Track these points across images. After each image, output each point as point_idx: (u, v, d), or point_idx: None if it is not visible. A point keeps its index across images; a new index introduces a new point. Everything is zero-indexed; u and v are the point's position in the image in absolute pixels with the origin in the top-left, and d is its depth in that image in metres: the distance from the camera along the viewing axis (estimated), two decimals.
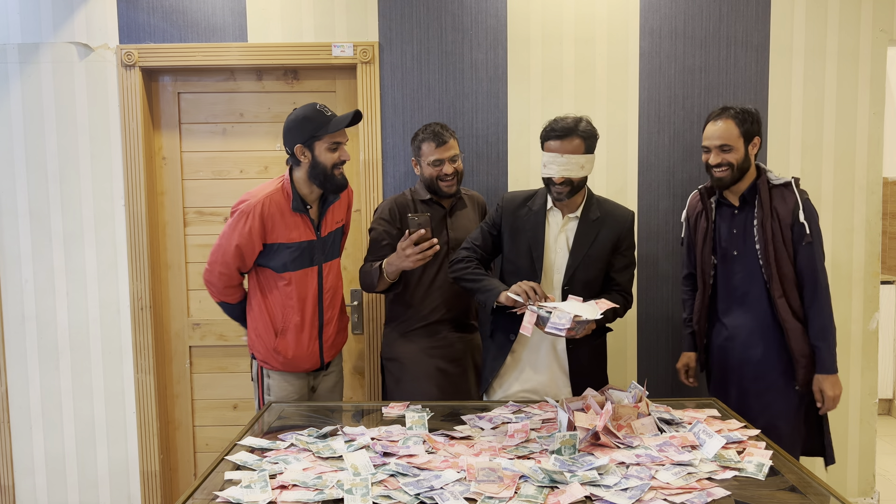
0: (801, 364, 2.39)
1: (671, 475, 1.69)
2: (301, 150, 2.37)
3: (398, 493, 1.61)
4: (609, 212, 2.39)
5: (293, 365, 2.50)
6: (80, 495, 3.16)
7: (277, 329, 2.46)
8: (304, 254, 2.44)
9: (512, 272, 2.39)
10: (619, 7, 2.98)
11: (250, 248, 2.38)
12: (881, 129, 3.02)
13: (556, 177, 2.26)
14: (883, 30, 2.98)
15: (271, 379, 2.52)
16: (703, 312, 2.58)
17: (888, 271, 4.74)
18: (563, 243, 2.36)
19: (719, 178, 2.41)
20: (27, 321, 3.09)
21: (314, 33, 3.00)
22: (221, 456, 1.89)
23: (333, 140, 2.36)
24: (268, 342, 2.47)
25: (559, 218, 2.37)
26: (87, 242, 3.06)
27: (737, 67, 2.99)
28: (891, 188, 4.80)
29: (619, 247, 2.40)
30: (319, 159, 2.36)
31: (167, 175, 3.14)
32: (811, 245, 2.37)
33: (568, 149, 2.24)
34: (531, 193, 2.45)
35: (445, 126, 2.61)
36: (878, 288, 3.07)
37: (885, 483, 3.55)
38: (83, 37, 3.00)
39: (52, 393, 3.12)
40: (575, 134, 2.25)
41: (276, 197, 2.40)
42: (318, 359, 2.54)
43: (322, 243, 2.49)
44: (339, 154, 2.38)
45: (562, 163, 2.24)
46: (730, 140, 2.38)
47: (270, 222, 2.38)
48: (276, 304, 2.46)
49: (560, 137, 2.25)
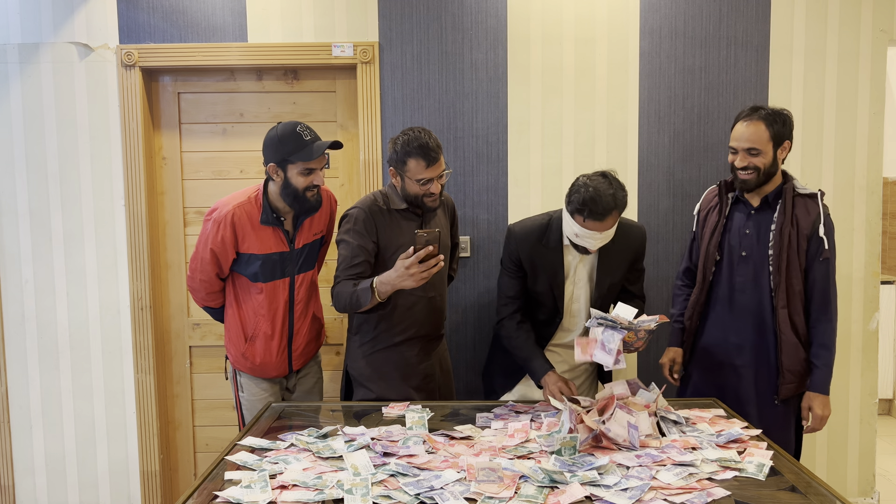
0: (787, 379, 2.34)
1: (672, 475, 1.69)
2: (274, 169, 2.35)
3: (398, 493, 1.61)
4: (623, 233, 2.32)
5: (261, 371, 2.52)
6: (80, 495, 3.16)
7: (247, 335, 2.48)
8: (276, 266, 2.44)
9: (534, 302, 2.39)
10: (619, 7, 2.98)
11: (224, 255, 2.40)
12: (881, 129, 3.02)
13: (592, 250, 2.22)
14: (883, 30, 2.98)
15: (243, 379, 2.55)
16: (698, 309, 2.49)
17: (888, 271, 4.74)
18: (583, 274, 2.34)
19: (744, 181, 2.32)
20: (27, 321, 3.09)
21: (314, 33, 3.00)
22: (221, 456, 1.89)
23: (306, 166, 2.32)
24: (238, 346, 2.51)
25: (576, 252, 2.31)
26: (87, 242, 3.06)
27: (737, 67, 2.99)
28: (891, 188, 4.80)
29: (635, 264, 2.40)
30: (291, 181, 2.34)
31: (167, 175, 3.14)
32: (827, 262, 2.31)
33: (608, 226, 2.16)
34: (543, 226, 2.33)
35: (432, 136, 2.33)
36: (878, 288, 3.07)
37: (885, 483, 3.55)
38: (83, 37, 3.00)
39: (52, 393, 3.12)
40: (614, 210, 2.14)
41: (247, 208, 2.40)
42: (287, 366, 2.55)
43: (296, 255, 2.48)
44: (312, 179, 2.35)
45: (600, 238, 2.18)
46: (758, 143, 2.28)
47: (241, 232, 2.38)
48: (248, 312, 2.47)
49: (601, 219, 2.12)
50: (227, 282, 2.51)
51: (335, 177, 3.14)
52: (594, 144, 3.02)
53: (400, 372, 2.44)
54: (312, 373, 2.69)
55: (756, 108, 2.33)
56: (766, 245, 2.34)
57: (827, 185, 3.03)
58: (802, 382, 2.37)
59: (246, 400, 2.56)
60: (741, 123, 2.33)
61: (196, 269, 2.46)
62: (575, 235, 2.19)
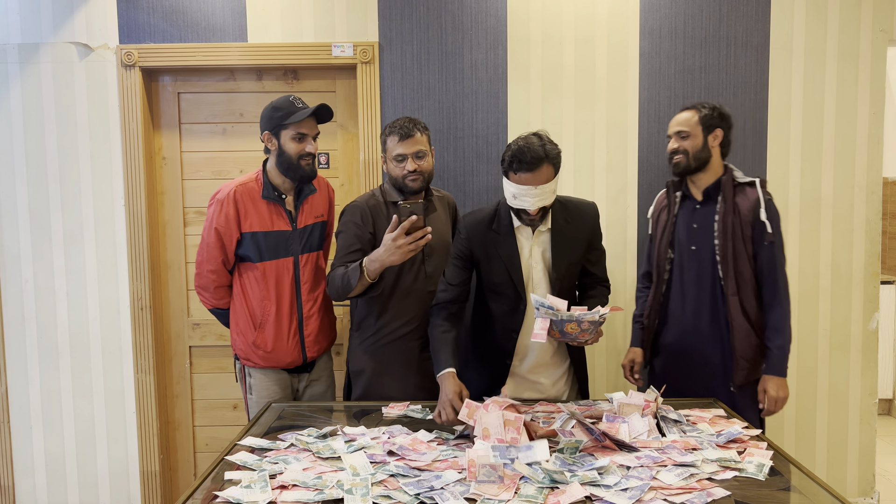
0: (741, 366, 2.36)
1: (673, 476, 1.69)
2: (268, 137, 2.45)
3: (398, 493, 1.61)
4: (575, 212, 2.32)
5: (274, 359, 2.51)
6: (80, 495, 3.16)
7: (256, 322, 2.49)
8: (279, 243, 2.48)
9: (494, 294, 2.34)
10: (619, 7, 2.98)
11: (229, 235, 2.44)
12: (881, 129, 3.02)
13: (531, 209, 2.17)
14: (883, 30, 2.98)
15: (253, 378, 2.54)
16: (655, 308, 2.53)
17: (888, 271, 4.74)
18: (539, 257, 2.30)
19: (675, 164, 2.46)
20: (27, 321, 3.09)
21: (314, 33, 2.99)
22: (221, 456, 1.88)
23: (299, 130, 2.42)
24: (248, 336, 2.51)
25: (529, 233, 2.29)
26: (87, 242, 3.06)
27: (737, 67, 2.99)
28: (891, 188, 4.80)
29: (592, 242, 2.38)
30: (285, 148, 2.43)
31: (167, 175, 3.14)
32: (772, 245, 2.36)
33: (540, 179, 2.13)
34: (491, 213, 2.32)
35: (416, 120, 2.41)
36: (878, 288, 3.07)
37: (885, 483, 3.55)
38: (83, 37, 3.00)
39: (52, 393, 3.12)
40: (544, 161, 2.12)
41: (249, 185, 2.48)
42: (301, 354, 2.54)
43: (299, 234, 2.51)
44: (305, 145, 2.43)
45: (535, 194, 2.13)
46: (687, 126, 2.43)
47: (244, 208, 2.44)
48: (255, 297, 2.49)
49: (530, 169, 2.11)
50: (234, 275, 2.53)
51: (335, 177, 3.14)
52: (594, 144, 3.02)
53: (401, 366, 2.45)
54: (325, 378, 2.67)
55: (696, 103, 2.49)
56: (711, 236, 2.41)
57: (827, 185, 3.03)
58: (757, 368, 2.40)
59: (255, 403, 2.55)
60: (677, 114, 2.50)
61: (203, 261, 2.49)
62: (513, 198, 2.16)
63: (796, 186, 3.03)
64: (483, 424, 1.84)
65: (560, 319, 2.05)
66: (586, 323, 2.04)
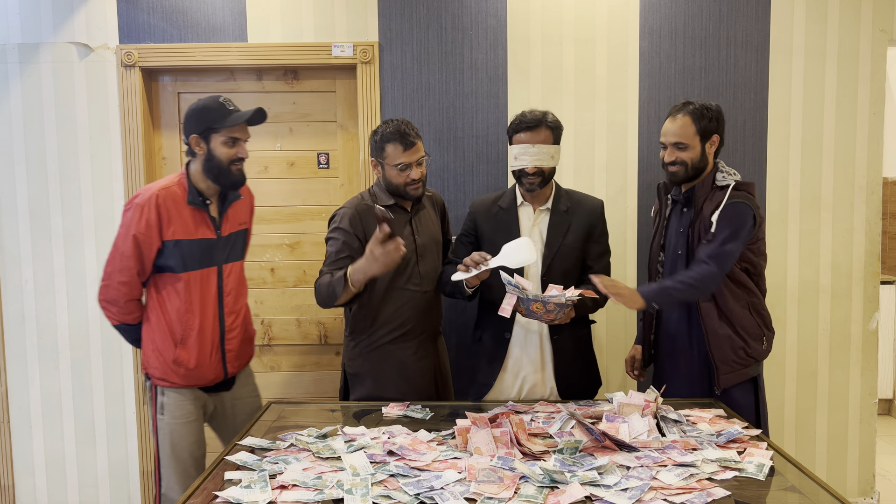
0: (722, 371, 2.32)
1: (673, 476, 1.69)
2: (196, 140, 2.26)
3: (398, 493, 1.61)
4: (578, 202, 2.45)
5: (196, 377, 2.33)
6: (80, 495, 3.16)
7: (177, 338, 2.29)
8: (204, 252, 2.31)
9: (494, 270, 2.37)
10: (619, 7, 2.98)
11: (149, 243, 2.22)
12: (881, 129, 3.02)
13: (528, 167, 2.31)
14: (883, 30, 2.98)
15: (166, 397, 2.33)
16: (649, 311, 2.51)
17: (888, 271, 4.74)
18: (538, 236, 2.40)
19: (672, 174, 2.36)
20: (27, 321, 3.09)
21: (314, 33, 3.00)
22: (221, 456, 1.89)
23: (231, 135, 2.25)
24: (167, 355, 2.29)
25: (530, 212, 2.42)
26: (87, 242, 3.06)
27: (737, 67, 2.99)
28: (891, 188, 4.80)
29: (592, 234, 2.42)
30: (215, 153, 2.25)
31: (167, 175, 3.14)
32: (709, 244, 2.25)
33: (538, 139, 2.32)
34: (499, 194, 2.51)
35: (410, 124, 2.39)
36: (878, 288, 3.07)
37: (885, 483, 3.55)
38: (83, 37, 3.00)
39: (52, 393, 3.12)
40: (543, 125, 2.33)
41: (172, 190, 2.27)
42: (222, 370, 2.38)
43: (223, 243, 2.36)
44: (237, 150, 2.27)
45: (534, 153, 2.30)
46: (685, 138, 2.32)
47: (167, 215, 2.24)
48: (175, 311, 2.29)
49: (530, 129, 2.32)
50: (148, 288, 2.32)
51: (335, 177, 3.14)
52: (594, 144, 3.02)
53: (397, 370, 2.44)
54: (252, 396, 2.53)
55: (686, 104, 2.36)
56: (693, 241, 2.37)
57: (827, 185, 3.03)
58: (739, 371, 2.34)
59: (166, 424, 2.33)
60: (669, 119, 2.38)
61: (114, 271, 2.24)
62: (514, 159, 2.34)
63: (796, 186, 3.03)
64: (474, 444, 1.84)
65: (527, 298, 2.15)
66: (552, 304, 2.14)
